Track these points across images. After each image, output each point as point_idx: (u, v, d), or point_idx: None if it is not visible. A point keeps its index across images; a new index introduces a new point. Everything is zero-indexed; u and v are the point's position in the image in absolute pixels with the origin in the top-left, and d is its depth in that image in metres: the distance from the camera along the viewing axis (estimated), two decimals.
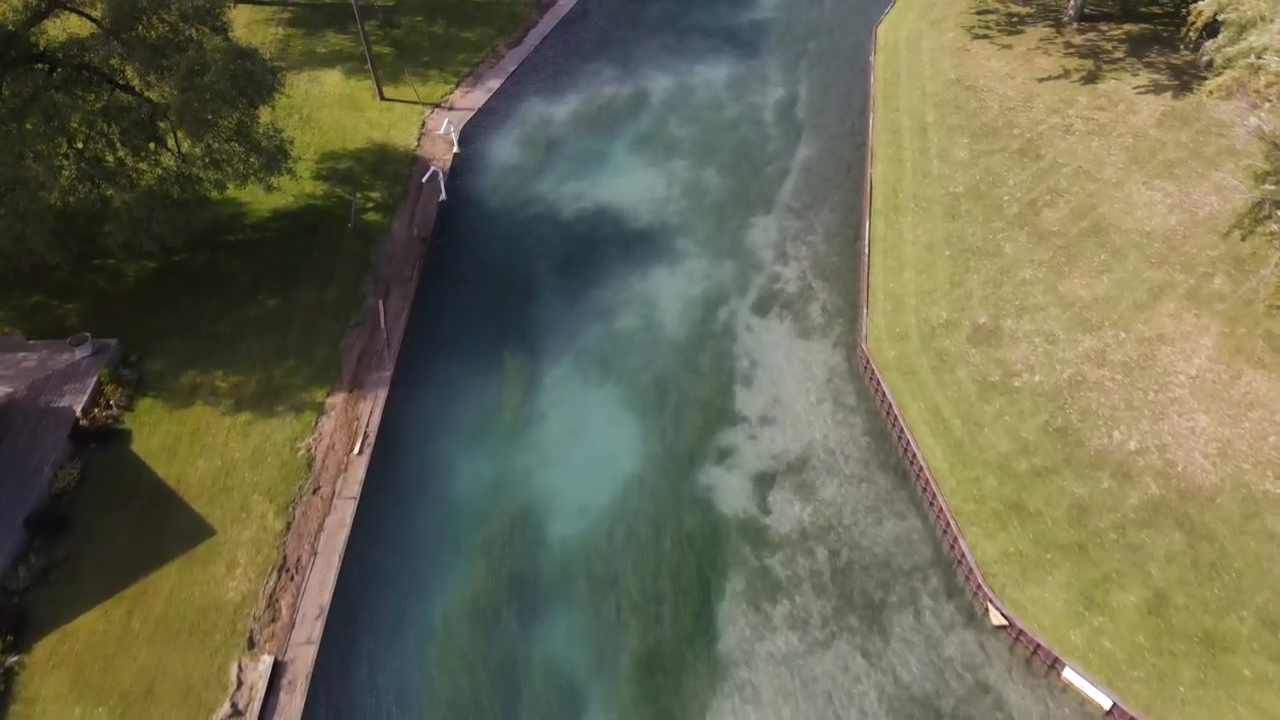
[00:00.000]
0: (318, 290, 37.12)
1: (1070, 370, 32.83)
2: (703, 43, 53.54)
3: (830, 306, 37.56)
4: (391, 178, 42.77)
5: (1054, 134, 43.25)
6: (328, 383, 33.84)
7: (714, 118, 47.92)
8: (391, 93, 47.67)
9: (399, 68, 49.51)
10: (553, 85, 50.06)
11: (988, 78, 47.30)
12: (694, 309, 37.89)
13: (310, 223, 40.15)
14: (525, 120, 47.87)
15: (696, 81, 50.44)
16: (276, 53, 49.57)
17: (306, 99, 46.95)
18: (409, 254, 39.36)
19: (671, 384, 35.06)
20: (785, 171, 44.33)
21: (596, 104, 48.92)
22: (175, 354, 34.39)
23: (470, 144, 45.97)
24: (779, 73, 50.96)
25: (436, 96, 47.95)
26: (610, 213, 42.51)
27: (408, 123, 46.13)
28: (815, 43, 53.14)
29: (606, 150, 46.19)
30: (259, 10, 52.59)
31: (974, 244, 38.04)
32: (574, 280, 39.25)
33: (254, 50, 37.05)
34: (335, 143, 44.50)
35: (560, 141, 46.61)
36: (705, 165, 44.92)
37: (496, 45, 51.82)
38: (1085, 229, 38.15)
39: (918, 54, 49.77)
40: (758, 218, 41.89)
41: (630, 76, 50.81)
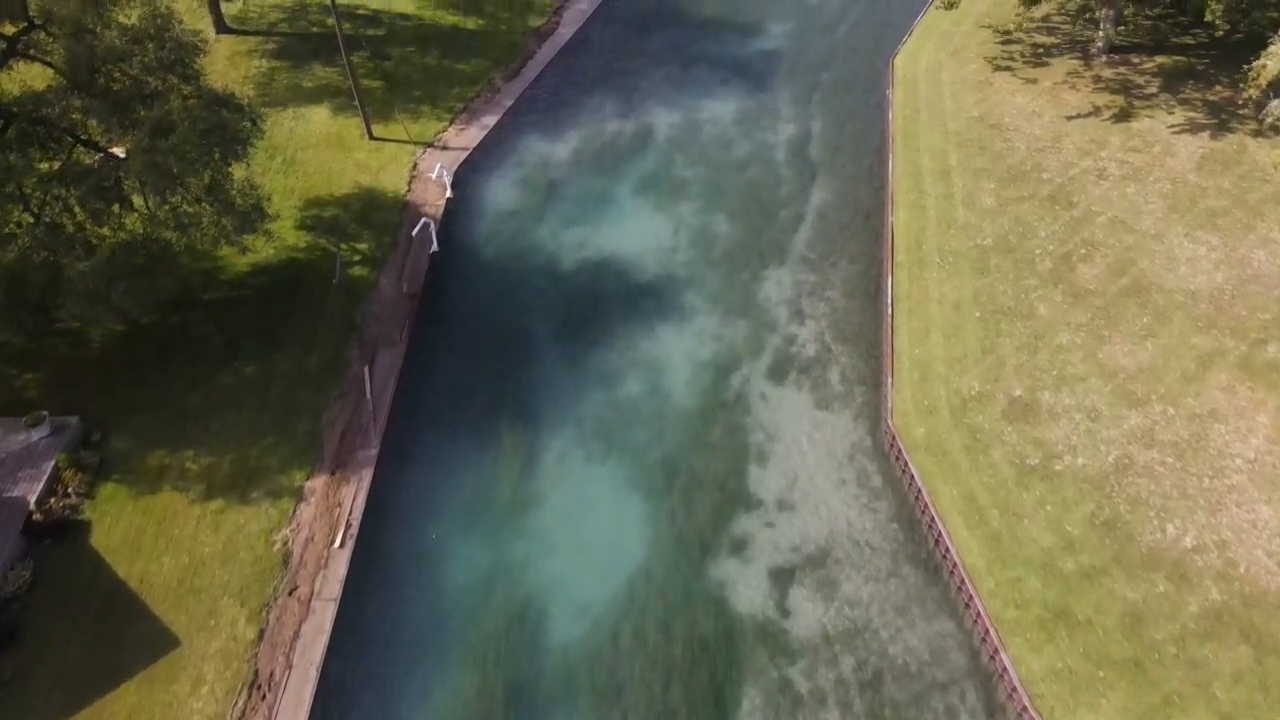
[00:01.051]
0: (299, 356, 34.41)
1: (1116, 452, 30.11)
2: (710, 74, 50.83)
3: (851, 372, 34.85)
4: (380, 227, 40.05)
5: (1086, 179, 40.54)
6: (308, 463, 31.14)
7: (723, 157, 45.22)
8: (381, 131, 44.96)
9: (389, 103, 46.80)
10: (552, 121, 47.35)
11: (1013, 115, 44.58)
12: (704, 374, 35.19)
13: (292, 278, 37.44)
14: (523, 160, 45.16)
15: (703, 117, 47.74)
16: (260, 88, 46.89)
17: (291, 139, 44.24)
18: (398, 313, 36.65)
19: (681, 461, 32.38)
20: (799, 218, 41.62)
21: (599, 141, 46.22)
22: (142, 431, 31.69)
23: (465, 187, 43.26)
24: (790, 107, 48.24)
25: (429, 135, 45.24)
26: (614, 263, 39.80)
27: (398, 164, 43.42)
28: (828, 74, 50.43)
29: (609, 193, 43.48)
30: (242, 41, 49.89)
31: (1005, 304, 35.32)
32: (575, 340, 36.56)
33: (230, 96, 34.47)
34: (321, 187, 41.79)
35: (560, 183, 43.91)
36: (714, 210, 42.22)
37: (493, 78, 49.12)
38: (1125, 287, 35.44)
39: (938, 88, 47.06)
40: (771, 270, 39.18)
41: (634, 111, 48.09)
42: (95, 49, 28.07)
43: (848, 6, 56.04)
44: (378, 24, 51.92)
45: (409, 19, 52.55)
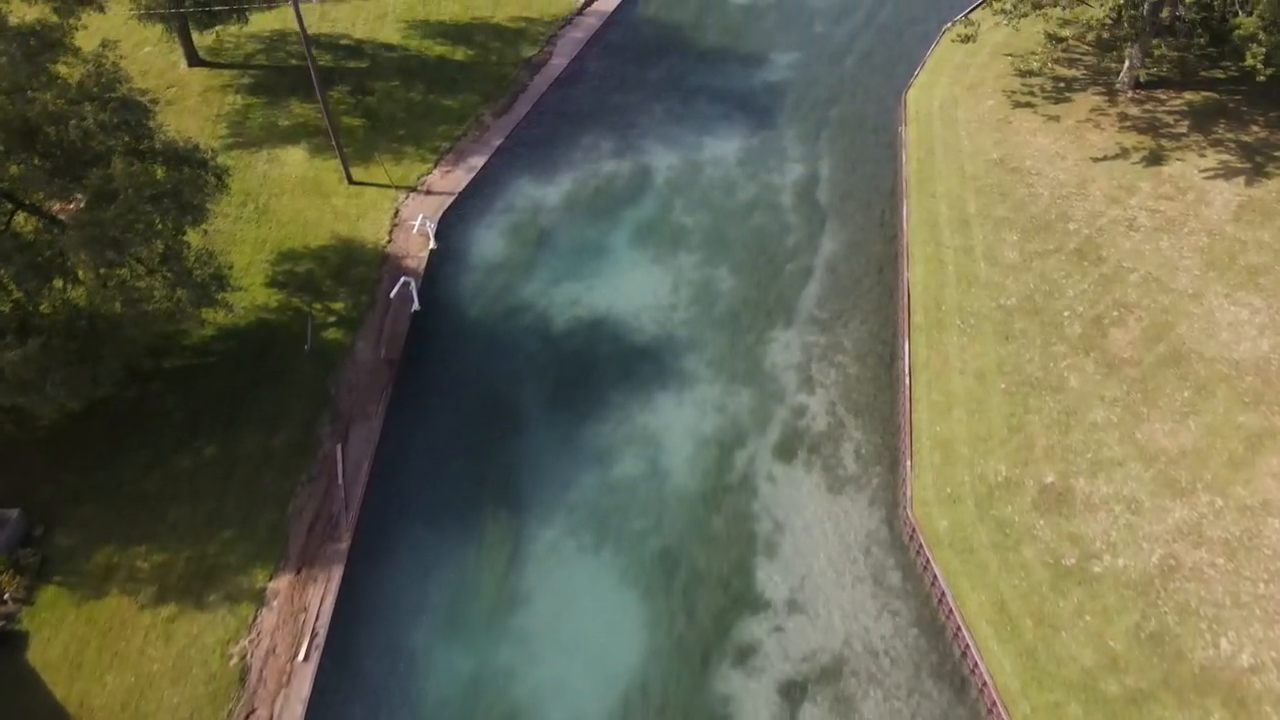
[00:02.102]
0: (265, 434, 31.63)
1: (1160, 551, 27.35)
2: (711, 109, 48.04)
3: (866, 450, 32.07)
4: (357, 283, 37.26)
5: (1115, 230, 37.78)
6: (271, 560, 28.38)
7: (725, 202, 42.43)
8: (361, 175, 42.17)
9: (371, 143, 44.01)
10: (544, 162, 44.54)
11: (1035, 157, 41.80)
12: (706, 451, 32.43)
13: (261, 343, 34.65)
14: (513, 205, 42.37)
15: (705, 156, 44.95)
16: (233, 127, 44.09)
17: (264, 184, 41.45)
18: (374, 382, 33.87)
19: (681, 553, 29.63)
20: (808, 271, 38.84)
21: (593, 184, 43.43)
22: (90, 524, 28.92)
23: (450, 236, 40.48)
24: (797, 145, 45.46)
25: (412, 179, 42.45)
26: (609, 324, 37.03)
27: (378, 212, 40.63)
28: (837, 109, 47.64)
29: (605, 242, 40.70)
30: (216, 75, 47.09)
31: (1033, 375, 32.56)
32: (567, 412, 33.80)
33: (193, 150, 31.72)
34: (295, 238, 39.00)
35: (552, 232, 41.13)
36: (716, 262, 39.44)
37: (481, 114, 46.33)
38: (1162, 356, 32.68)
39: (954, 126, 44.28)
40: (777, 331, 36.40)
41: (631, 150, 45.30)
42: (29, 111, 25.24)
43: (855, 35, 53.26)
44: (360, 55, 49.13)
45: (394, 50, 49.76)
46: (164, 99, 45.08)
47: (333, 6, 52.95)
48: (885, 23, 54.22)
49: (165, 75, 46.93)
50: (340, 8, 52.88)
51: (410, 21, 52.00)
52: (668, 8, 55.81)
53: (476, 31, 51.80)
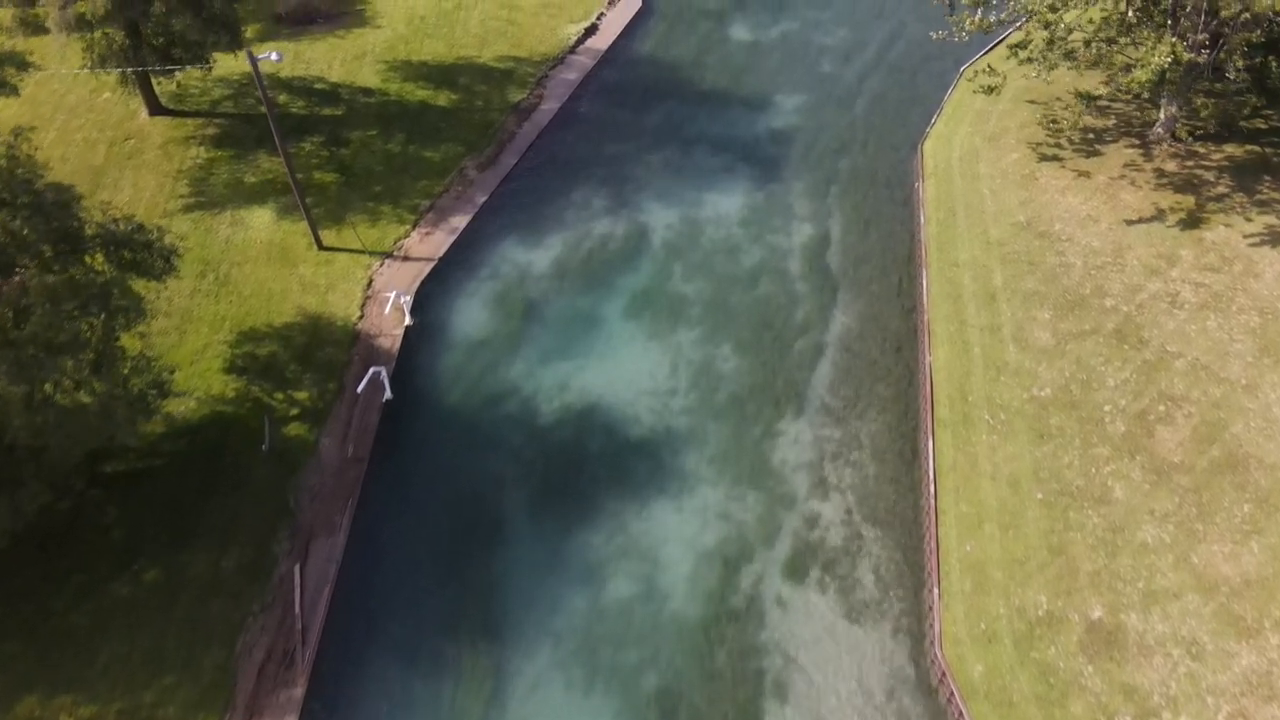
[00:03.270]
0: (215, 553, 28.29)
1: (1228, 708, 24.01)
2: (712, 160, 44.68)
3: (887, 570, 28.72)
4: (324, 368, 33.90)
5: (1157, 307, 34.44)
6: (215, 710, 25.01)
7: (728, 267, 39.08)
8: (332, 239, 38.80)
9: (345, 201, 40.64)
10: (533, 221, 41.16)
11: (1065, 220, 38.45)
12: (708, 569, 29.09)
13: (215, 441, 31.29)
14: (497, 272, 39.00)
15: (705, 214, 41.59)
16: (195, 185, 40.71)
17: (226, 250, 38.07)
18: (340, 486, 30.54)
19: (681, 694, 26.31)
20: (819, 350, 35.49)
21: (585, 247, 40.06)
22: (10, 668, 25.59)
23: (428, 309, 37.11)
24: (805, 202, 42.10)
25: (388, 243, 39.08)
26: (601, 412, 33.70)
27: (350, 282, 37.26)
28: (848, 160, 44.27)
29: (597, 315, 37.33)
30: (179, 125, 43.70)
31: (1073, 482, 29.22)
32: (554, 520, 30.48)
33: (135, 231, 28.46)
34: (257, 315, 35.63)
35: (540, 303, 37.75)
36: (719, 338, 36.09)
37: (465, 167, 42.95)
38: (1216, 461, 29.34)
39: (975, 182, 40.94)
40: (786, 422, 33.05)
41: (626, 207, 41.93)
42: None
43: (865, 75, 49.91)
44: (336, 101, 45.76)
45: (372, 94, 46.39)
46: (122, 152, 41.99)
47: (308, 45, 49.59)
48: (897, 62, 50.88)
49: (124, 125, 43.54)
50: (316, 46, 49.51)
51: (391, 62, 48.63)
52: (666, 45, 52.46)
53: (461, 73, 48.43)
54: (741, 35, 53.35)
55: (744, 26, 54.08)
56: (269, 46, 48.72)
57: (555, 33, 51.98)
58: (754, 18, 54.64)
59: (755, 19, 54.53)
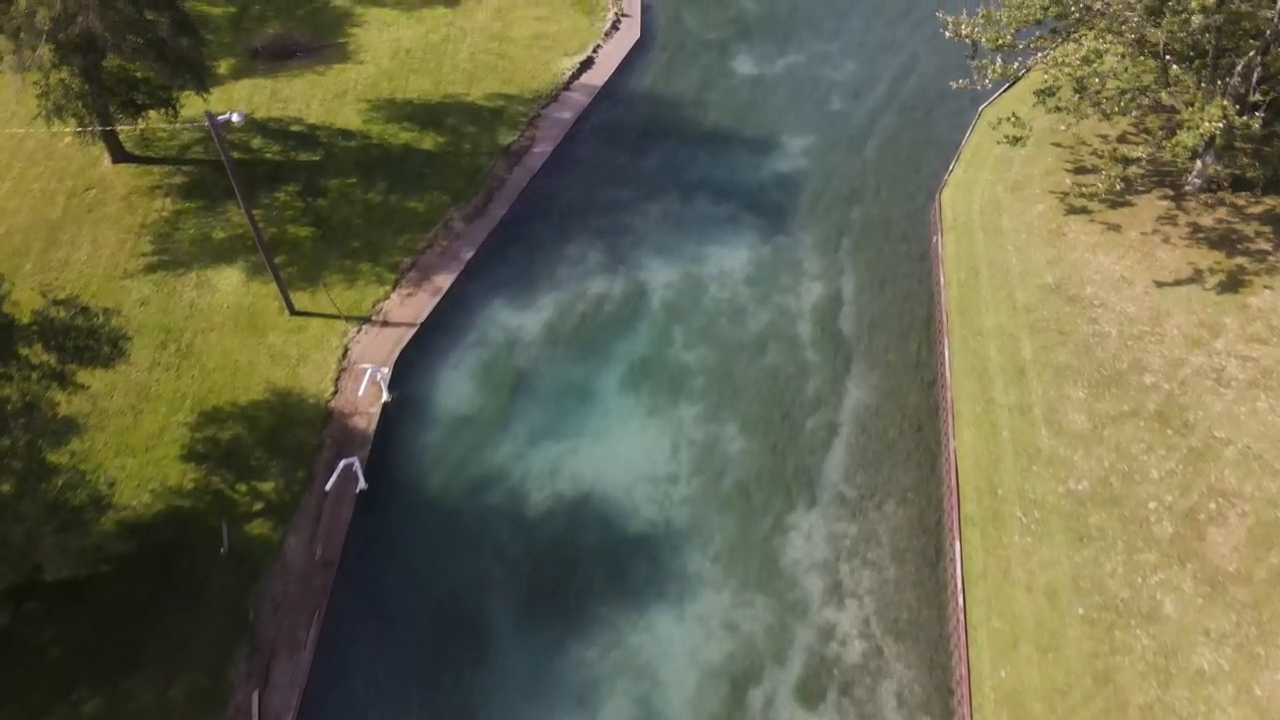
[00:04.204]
0: (163, 678, 25.43)
1: None
2: (715, 209, 41.82)
3: (911, 694, 25.86)
4: (292, 453, 31.04)
5: (1201, 384, 31.61)
6: None
7: (733, 332, 36.22)
8: (306, 302, 35.93)
9: (320, 258, 37.77)
10: (523, 280, 38.29)
11: (1097, 282, 35.61)
12: (713, 689, 26.23)
13: (169, 543, 28.43)
14: (485, 337, 36.14)
15: (708, 271, 38.74)
16: (158, 242, 37.81)
17: (190, 316, 35.18)
18: (307, 595, 27.67)
19: None
20: (832, 429, 32.63)
21: (579, 309, 37.20)
22: None
23: (408, 381, 34.25)
24: (815, 257, 39.25)
25: (366, 306, 36.21)
26: (595, 502, 30.84)
27: (324, 352, 34.39)
28: (860, 209, 41.42)
29: (592, 387, 34.48)
30: (144, 173, 40.80)
31: (1117, 594, 26.37)
32: (543, 631, 27.62)
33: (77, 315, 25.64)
34: (221, 391, 32.76)
35: (530, 373, 34.89)
36: (723, 415, 33.24)
37: (450, 218, 40.08)
38: (1276, 571, 26.49)
39: (998, 238, 38.10)
40: (798, 514, 30.20)
41: (623, 264, 39.07)
42: None
43: (877, 114, 47.07)
44: (313, 145, 42.87)
45: (352, 137, 43.51)
46: (82, 204, 39.15)
47: (285, 82, 46.73)
48: (911, 98, 48.03)
49: (85, 174, 40.68)
50: (294, 84, 46.64)
51: (373, 101, 45.76)
52: (666, 80, 49.62)
53: (448, 112, 45.56)
54: (745, 68, 50.53)
55: (748, 59, 51.27)
56: (243, 86, 46.18)
57: (549, 67, 49.16)
58: (758, 49, 51.82)
59: (759, 51, 51.72)
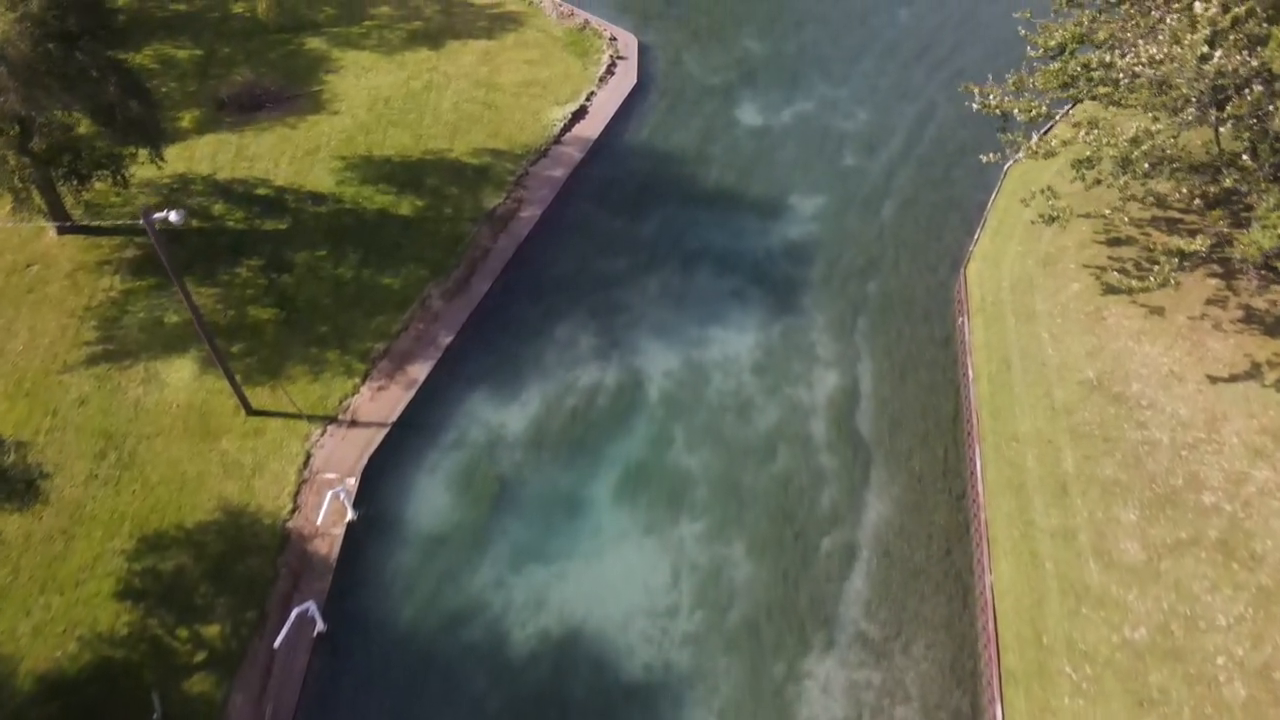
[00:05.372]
0: None
1: None
2: (718, 282, 38.30)
3: None
4: (243, 588, 27.46)
5: (1268, 505, 28.08)
6: None
7: (739, 432, 32.70)
8: (265, 399, 32.38)
9: (283, 345, 34.23)
10: (507, 369, 34.76)
11: (1143, 377, 32.10)
12: None
13: (95, 702, 24.84)
14: (464, 438, 32.59)
15: (711, 357, 35.22)
16: (103, 328, 34.24)
17: (135, 418, 31.61)
18: None
19: None
20: (850, 552, 29.10)
21: (569, 403, 33.66)
22: None
23: (377, 493, 30.69)
24: (828, 340, 35.73)
25: (332, 403, 32.66)
26: (586, 642, 27.28)
27: (283, 459, 30.82)
28: (877, 283, 37.90)
29: (582, 498, 30.95)
30: (92, 246, 37.23)
31: None
32: None
33: None
34: (165, 510, 29.18)
35: (514, 482, 31.36)
36: (730, 534, 29.71)
37: (428, 296, 36.54)
38: None
39: (1031, 323, 34.58)
40: (814, 659, 26.64)
41: (618, 349, 35.55)
42: None
43: (893, 170, 43.58)
44: (281, 211, 39.31)
45: (323, 201, 39.97)
46: (21, 283, 35.65)
47: (253, 137, 43.20)
48: (929, 153, 44.57)
49: (27, 247, 37.14)
50: (263, 139, 43.12)
51: (348, 159, 42.22)
52: (664, 132, 46.14)
53: (429, 171, 42.02)
54: (750, 118, 47.08)
55: (752, 107, 47.82)
56: (207, 142, 42.71)
57: (538, 118, 45.67)
58: (763, 96, 48.38)
59: (765, 98, 48.28)
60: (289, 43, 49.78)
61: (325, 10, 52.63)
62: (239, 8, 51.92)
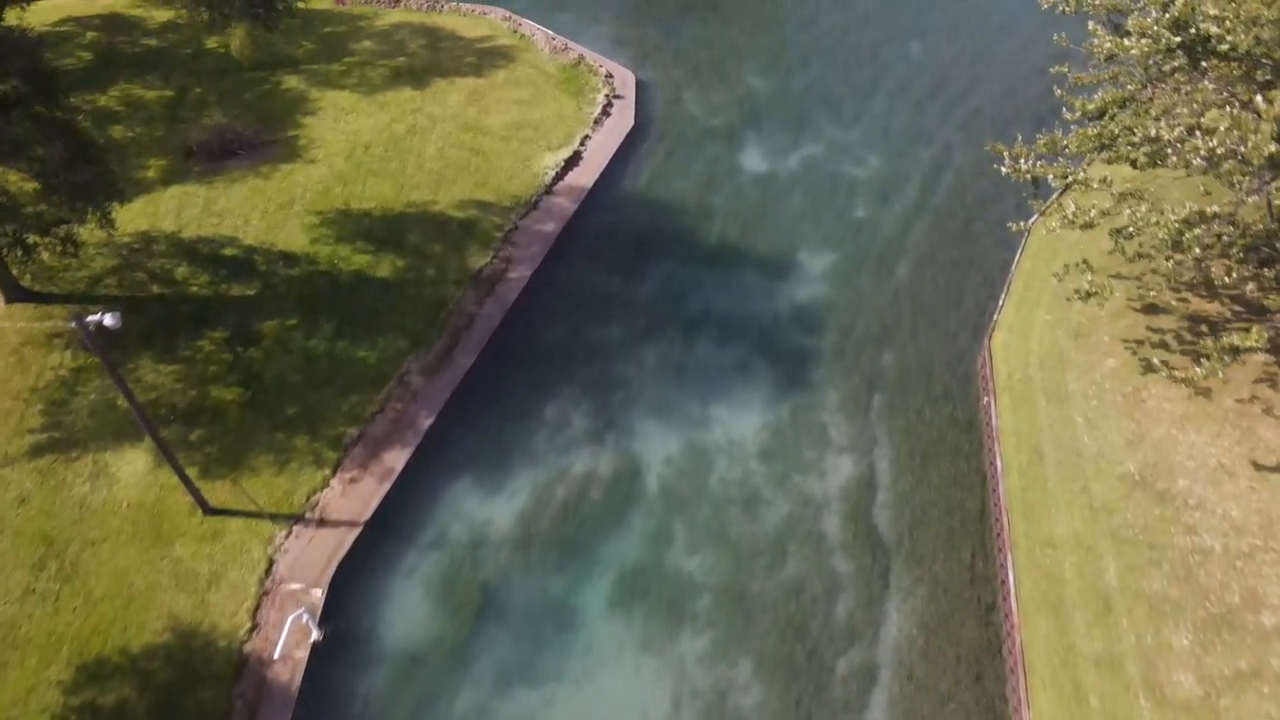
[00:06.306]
0: None
1: None
2: (721, 353, 35.46)
3: None
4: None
5: None
6: None
7: (745, 528, 29.84)
8: (225, 494, 29.49)
9: (247, 431, 31.34)
10: (492, 454, 31.90)
11: (1189, 471, 29.26)
12: None
13: None
14: (444, 537, 29.72)
15: (714, 441, 32.37)
16: (50, 412, 31.35)
17: (80, 519, 28.71)
18: None
19: None
20: (869, 675, 26.23)
21: (560, 495, 30.80)
22: None
23: (346, 605, 27.78)
24: (842, 422, 32.88)
25: (299, 499, 29.77)
26: None
27: (242, 568, 27.93)
28: (893, 354, 35.06)
29: (574, 608, 28.08)
30: (43, 317, 34.30)
31: None
32: None
33: None
34: (110, 631, 26.26)
35: (499, 589, 28.49)
36: (735, 651, 26.84)
37: (407, 371, 33.68)
38: None
39: (1064, 405, 31.73)
40: None
41: (613, 430, 32.71)
42: None
43: (908, 223, 40.76)
44: (249, 275, 36.44)
45: (295, 263, 37.11)
46: None
47: (223, 189, 40.35)
48: (946, 204, 41.75)
49: None
50: (233, 191, 40.26)
51: (323, 214, 39.37)
52: (664, 178, 43.33)
53: (410, 227, 39.17)
54: (755, 164, 44.29)
55: (757, 151, 45.03)
56: (172, 196, 39.87)
57: (529, 165, 42.84)
58: (769, 139, 45.60)
59: (770, 141, 45.49)
60: (265, 81, 46.94)
61: (304, 45, 49.82)
62: (213, 42, 49.08)
